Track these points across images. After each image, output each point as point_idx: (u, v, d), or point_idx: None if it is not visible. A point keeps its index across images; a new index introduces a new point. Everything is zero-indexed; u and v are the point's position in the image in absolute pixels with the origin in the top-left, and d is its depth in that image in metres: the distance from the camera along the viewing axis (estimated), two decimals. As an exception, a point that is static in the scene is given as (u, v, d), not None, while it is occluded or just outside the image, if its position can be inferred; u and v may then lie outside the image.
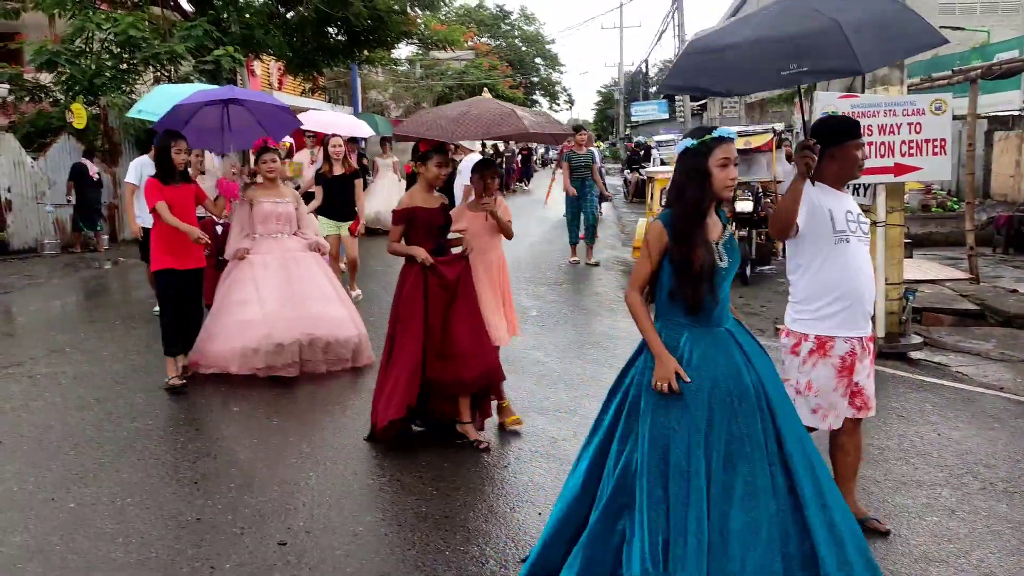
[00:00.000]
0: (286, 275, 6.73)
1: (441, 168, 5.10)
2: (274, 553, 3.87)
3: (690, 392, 3.08)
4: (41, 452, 5.17)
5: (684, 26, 29.84)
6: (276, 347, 6.48)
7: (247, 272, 6.72)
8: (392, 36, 21.68)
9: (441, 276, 5.04)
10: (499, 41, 56.63)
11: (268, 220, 6.82)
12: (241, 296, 6.63)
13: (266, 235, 6.83)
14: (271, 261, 6.77)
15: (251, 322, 6.50)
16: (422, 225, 5.08)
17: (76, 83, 15.58)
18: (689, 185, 3.22)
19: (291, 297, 6.65)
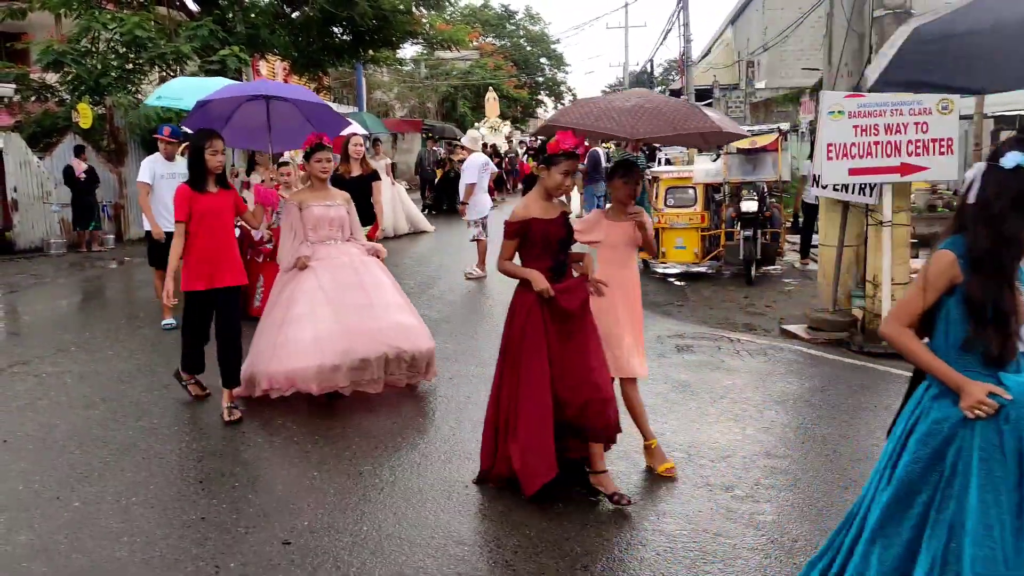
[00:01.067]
0: (358, 282, 6.09)
1: (566, 177, 4.31)
2: (278, 552, 3.87)
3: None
4: (46, 451, 5.18)
5: (690, 25, 29.78)
6: (360, 363, 5.84)
7: (311, 282, 5.98)
8: (397, 36, 21.69)
9: (561, 308, 4.26)
10: (504, 41, 56.57)
11: (320, 225, 6.13)
12: (308, 308, 5.90)
13: (318, 241, 6.14)
14: (337, 268, 6.09)
15: (327, 336, 5.81)
16: (540, 239, 4.30)
17: (82, 83, 15.63)
18: (1014, 213, 2.61)
19: (368, 306, 6.01)
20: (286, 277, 6.12)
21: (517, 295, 4.43)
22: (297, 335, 5.84)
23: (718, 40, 55.65)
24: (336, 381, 5.83)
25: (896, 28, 7.48)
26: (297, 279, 6.03)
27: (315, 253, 6.10)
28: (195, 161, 5.59)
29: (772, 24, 38.84)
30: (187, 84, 9.79)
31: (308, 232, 6.12)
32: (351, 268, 6.13)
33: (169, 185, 7.92)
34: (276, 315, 6.02)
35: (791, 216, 15.12)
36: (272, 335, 5.92)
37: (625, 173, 4.58)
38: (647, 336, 8.05)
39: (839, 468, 4.79)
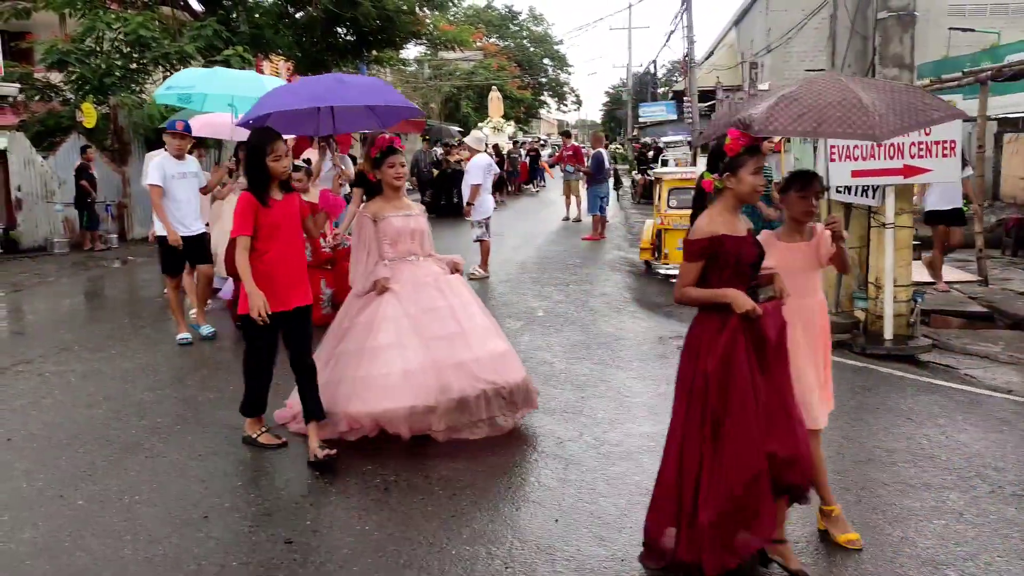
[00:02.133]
0: (446, 307, 5.34)
1: (758, 176, 3.51)
2: (281, 551, 3.88)
3: None
4: (49, 449, 5.19)
5: (693, 27, 29.77)
6: (459, 402, 5.06)
7: (394, 307, 5.25)
8: (401, 36, 21.76)
9: (761, 336, 3.49)
10: (507, 42, 56.66)
11: (400, 239, 5.39)
12: (394, 338, 5.16)
13: (398, 258, 5.40)
14: (421, 290, 5.36)
15: (418, 371, 5.07)
16: (732, 260, 3.49)
17: (86, 82, 15.68)
18: None
19: (460, 334, 5.27)
20: (361, 301, 5.38)
21: (702, 326, 3.60)
22: (383, 370, 5.09)
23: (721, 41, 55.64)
24: (431, 424, 5.05)
25: (899, 30, 7.53)
26: (376, 304, 5.29)
27: (394, 273, 5.35)
28: (255, 167, 4.79)
29: (775, 26, 38.85)
30: (197, 75, 9.53)
31: (386, 247, 5.38)
32: (436, 289, 5.38)
33: (182, 186, 7.68)
34: (352, 345, 5.23)
35: None
36: (350, 368, 5.16)
37: (803, 186, 3.82)
38: (649, 337, 8.10)
39: (841, 469, 4.79)
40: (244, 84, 8.84)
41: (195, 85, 8.79)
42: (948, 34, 26.20)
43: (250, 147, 4.85)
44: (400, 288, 5.31)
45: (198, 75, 9.28)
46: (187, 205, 7.73)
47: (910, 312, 7.66)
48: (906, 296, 7.63)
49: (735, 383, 3.43)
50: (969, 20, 31.11)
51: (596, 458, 5.01)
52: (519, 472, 4.83)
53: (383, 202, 5.43)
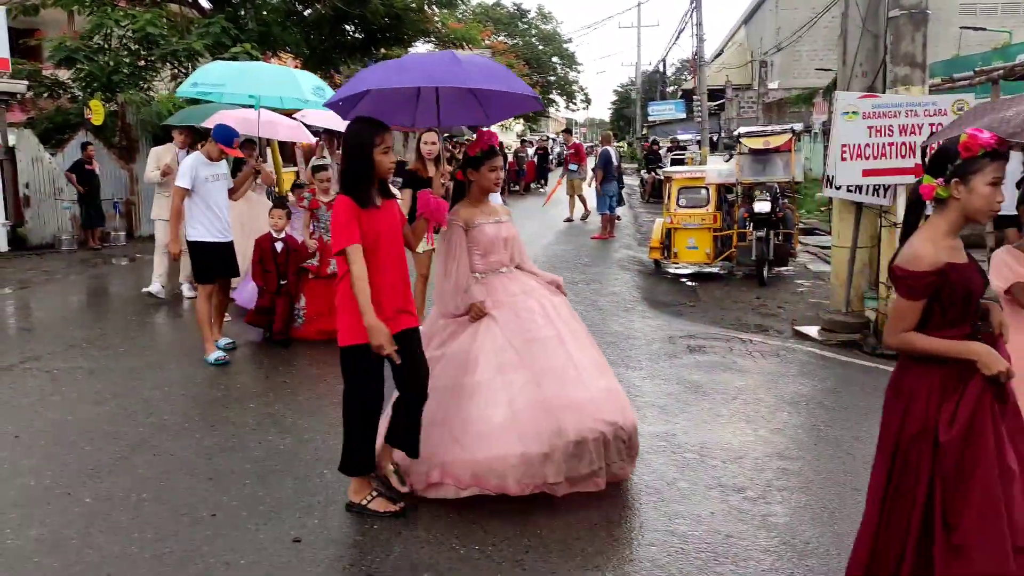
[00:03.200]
0: (554, 335, 4.50)
1: (994, 191, 2.81)
2: (289, 550, 3.86)
3: None
4: (57, 446, 5.18)
5: (703, 25, 29.70)
6: (575, 447, 4.22)
7: (494, 335, 4.45)
8: (409, 34, 21.74)
9: (1004, 396, 2.84)
10: (516, 40, 56.58)
11: (493, 250, 4.63)
12: (496, 373, 4.36)
13: (490, 271, 4.63)
14: (523, 314, 4.52)
15: (527, 412, 4.25)
16: (958, 297, 2.83)
17: (94, 79, 15.69)
18: None
19: (572, 367, 4.42)
20: (451, 325, 4.59)
21: (920, 379, 2.88)
22: (485, 410, 4.27)
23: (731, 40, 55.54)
24: (544, 475, 4.21)
25: (911, 28, 7.47)
26: (473, 332, 4.49)
27: (488, 291, 4.59)
28: (360, 163, 4.01)
29: (785, 24, 38.74)
30: (228, 70, 8.79)
31: (476, 259, 4.62)
32: (543, 315, 4.56)
33: (216, 189, 7.12)
34: (444, 380, 4.39)
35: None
36: (443, 407, 4.32)
37: None
38: (659, 336, 8.07)
39: (852, 470, 4.75)
40: (275, 82, 8.48)
41: (225, 84, 8.38)
42: (959, 33, 26.11)
43: (353, 138, 4.04)
44: (499, 313, 4.49)
45: (228, 72, 8.70)
46: (221, 210, 7.18)
47: (921, 312, 7.60)
48: (917, 296, 7.58)
49: (980, 464, 2.75)
50: (980, 19, 30.99)
51: (605, 458, 4.97)
52: (528, 471, 4.80)
53: (472, 207, 4.62)
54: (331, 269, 7.59)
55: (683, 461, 4.92)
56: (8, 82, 14.82)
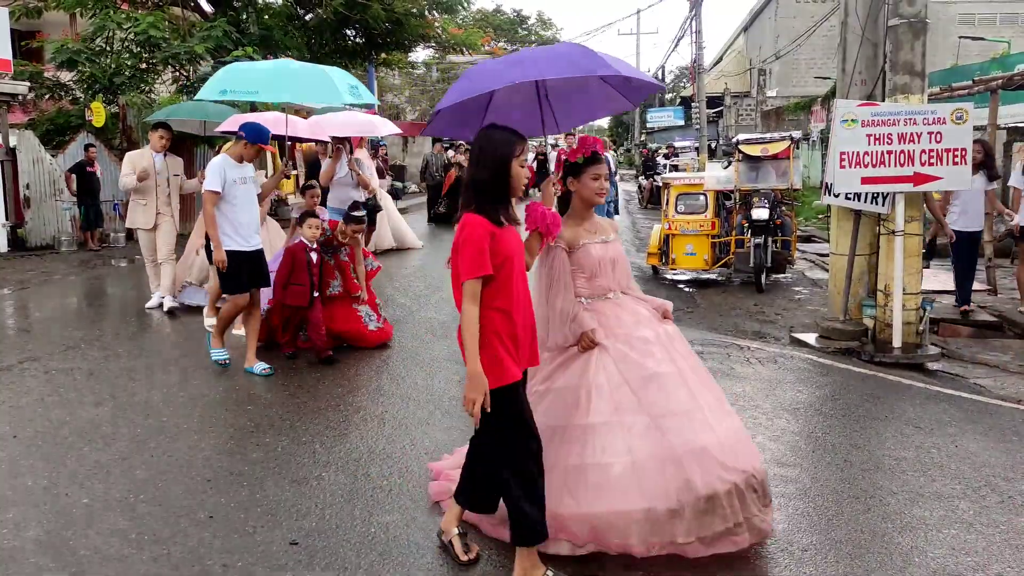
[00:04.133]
0: (675, 372, 3.96)
1: None
2: (286, 552, 3.87)
3: None
4: (55, 447, 5.18)
5: (702, 32, 29.77)
6: (706, 502, 3.67)
7: (608, 371, 3.90)
8: (410, 39, 21.80)
9: None
10: (516, 46, 56.68)
11: (600, 273, 4.09)
12: (612, 415, 3.82)
13: (596, 297, 4.09)
14: (637, 346, 3.97)
15: (649, 460, 3.73)
16: None
17: (96, 81, 15.72)
18: None
19: (698, 410, 3.87)
20: (557, 358, 4.03)
21: None
22: (601, 458, 3.77)
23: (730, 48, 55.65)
24: (673, 534, 3.69)
25: (911, 37, 7.49)
26: (583, 365, 3.94)
27: (597, 319, 4.03)
28: (498, 178, 3.48)
29: (784, 32, 38.82)
30: (260, 75, 7.94)
31: (580, 281, 4.07)
32: (660, 347, 4.01)
33: (244, 192, 6.71)
34: (551, 419, 3.86)
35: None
36: (550, 452, 3.75)
37: None
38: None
39: (849, 478, 4.76)
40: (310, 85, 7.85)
41: (259, 91, 7.67)
42: (958, 42, 26.17)
43: (490, 146, 3.51)
44: (612, 344, 3.96)
45: (261, 77, 7.78)
46: (250, 215, 6.75)
47: (919, 320, 7.63)
48: (915, 304, 7.60)
49: None
50: (979, 29, 31.06)
51: (603, 463, 4.98)
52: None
53: (575, 224, 4.09)
54: (329, 291, 7.42)
55: (680, 467, 4.90)
56: (10, 83, 14.83)
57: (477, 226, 3.39)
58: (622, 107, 4.57)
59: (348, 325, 7.49)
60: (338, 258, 7.53)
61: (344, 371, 6.84)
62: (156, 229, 9.17)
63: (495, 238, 3.41)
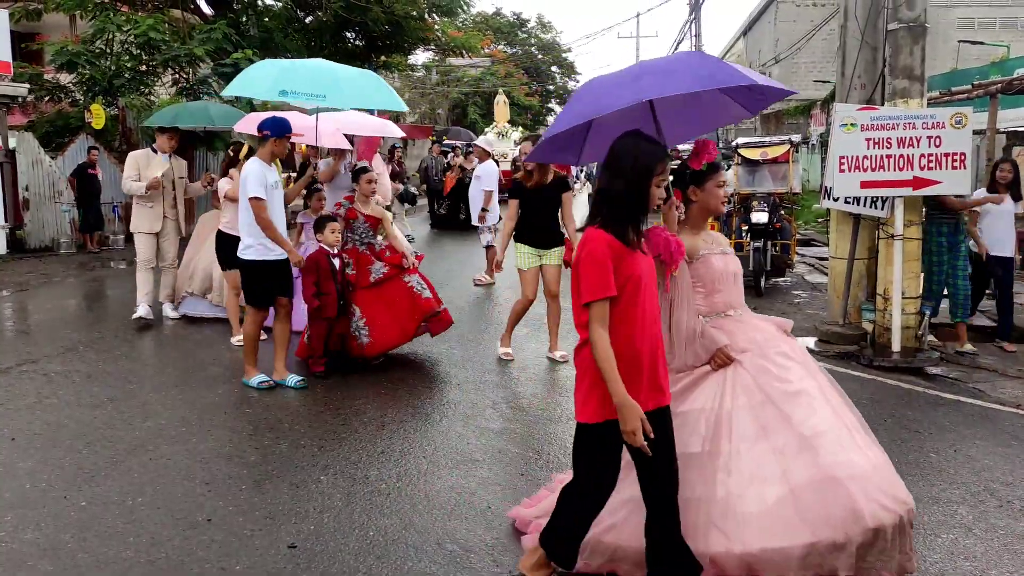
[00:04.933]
0: (816, 388, 3.58)
1: None
2: (284, 556, 3.86)
3: None
4: (53, 450, 5.18)
5: (702, 36, 29.81)
6: (873, 535, 3.25)
7: (747, 388, 3.56)
8: (409, 42, 21.82)
9: None
10: (516, 49, 56.75)
11: (721, 287, 3.77)
12: (759, 438, 3.45)
13: (716, 312, 3.76)
14: (775, 364, 3.61)
15: (807, 488, 3.32)
16: None
17: (95, 83, 15.72)
18: None
19: (847, 432, 3.47)
20: (684, 378, 3.67)
21: None
22: (751, 487, 3.38)
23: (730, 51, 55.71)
24: (834, 568, 3.27)
25: (910, 41, 7.50)
26: (715, 382, 3.61)
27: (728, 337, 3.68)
28: (637, 193, 3.18)
29: (784, 36, 38.88)
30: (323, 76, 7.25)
31: (700, 298, 3.74)
32: (796, 360, 3.68)
33: (276, 198, 6.42)
34: (687, 447, 3.47)
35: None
36: (691, 483, 3.42)
37: None
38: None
39: (848, 482, 4.75)
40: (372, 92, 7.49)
41: (326, 95, 7.08)
42: (957, 47, 26.21)
43: (631, 157, 3.18)
44: (747, 359, 3.61)
45: (323, 80, 7.17)
46: (280, 220, 6.42)
47: (918, 324, 7.63)
48: (914, 308, 7.61)
49: None
50: (978, 33, 31.11)
51: (602, 466, 4.98)
52: (525, 480, 4.80)
53: (692, 234, 3.79)
54: (373, 277, 7.04)
55: (679, 471, 4.90)
56: (10, 85, 14.83)
57: (600, 242, 3.11)
58: (738, 116, 4.16)
59: (403, 301, 7.02)
60: (372, 247, 7.22)
61: (343, 374, 6.83)
62: (160, 233, 8.80)
63: (620, 257, 3.11)
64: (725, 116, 4.18)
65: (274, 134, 6.30)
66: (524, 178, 7.07)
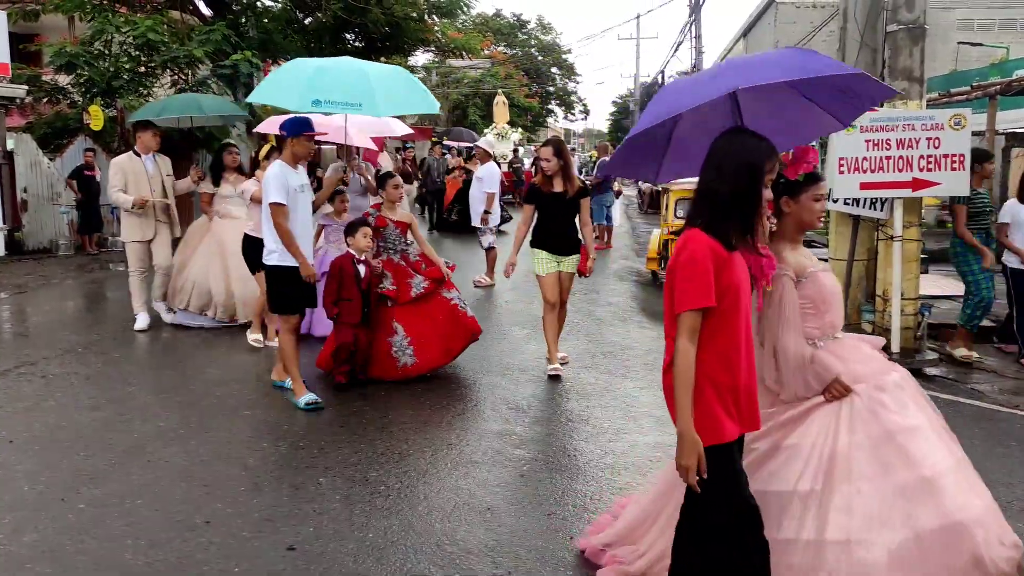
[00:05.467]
0: (927, 419, 3.35)
1: None
2: (283, 558, 3.85)
3: None
4: (52, 452, 5.17)
5: (701, 38, 29.83)
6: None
7: (865, 423, 3.22)
8: (409, 43, 21.79)
9: None
10: (515, 50, 56.76)
11: (831, 307, 3.42)
12: (881, 478, 3.13)
13: (826, 335, 3.40)
14: (891, 391, 3.33)
15: (932, 536, 3.06)
16: None
17: (94, 85, 15.70)
18: None
19: (960, 468, 3.28)
20: (786, 409, 3.33)
21: None
22: (871, 533, 3.08)
23: (730, 52, 55.74)
24: None
25: (909, 43, 7.51)
26: (827, 415, 3.26)
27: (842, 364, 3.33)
28: (747, 193, 2.86)
29: (784, 37, 38.89)
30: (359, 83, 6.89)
31: (809, 320, 3.36)
32: (912, 396, 3.39)
33: (303, 202, 6.10)
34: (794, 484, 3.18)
35: None
36: (794, 523, 3.14)
37: None
38: (656, 347, 8.06)
39: (848, 483, 4.75)
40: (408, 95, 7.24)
41: (362, 104, 6.79)
42: (957, 48, 26.23)
43: (740, 154, 2.88)
44: (865, 391, 3.27)
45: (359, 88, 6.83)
46: (303, 226, 6.13)
47: (917, 325, 7.62)
48: (913, 309, 7.60)
49: None
50: (978, 35, 31.14)
51: (602, 468, 4.99)
52: (524, 481, 4.80)
53: (792, 249, 3.41)
54: (414, 292, 6.76)
55: (679, 472, 4.89)
56: (8, 87, 14.83)
57: (702, 245, 2.80)
58: (830, 128, 3.74)
59: (445, 318, 6.77)
60: (407, 256, 6.94)
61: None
62: (153, 240, 8.52)
63: (722, 263, 2.80)
64: (816, 128, 3.76)
65: (290, 134, 6.00)
66: (542, 183, 6.84)
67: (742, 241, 2.87)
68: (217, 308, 8.60)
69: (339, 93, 6.69)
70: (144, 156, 8.42)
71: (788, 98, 3.46)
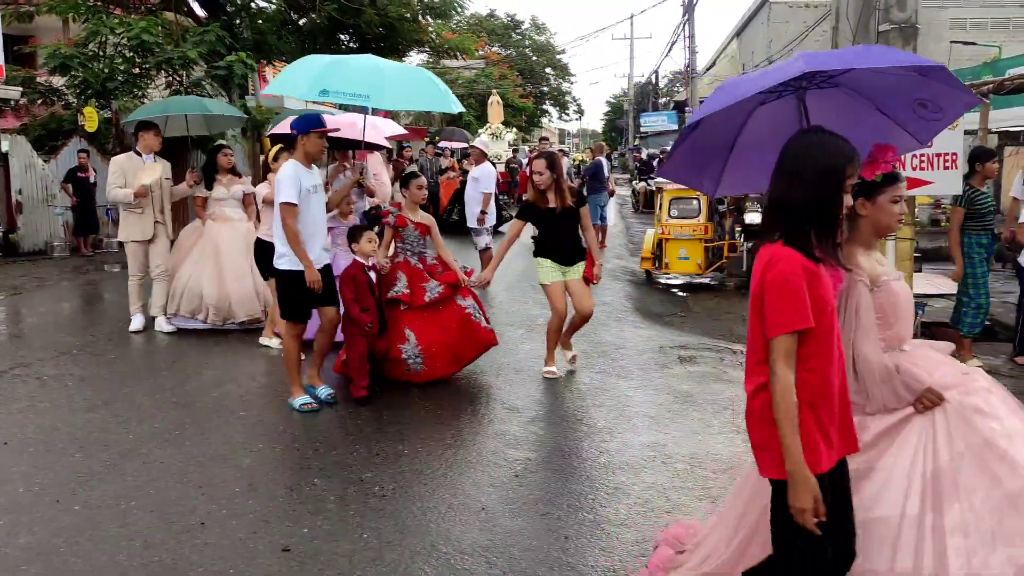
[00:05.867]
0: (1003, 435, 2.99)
1: None
2: (278, 559, 3.86)
3: None
4: (47, 454, 5.17)
5: (695, 37, 29.88)
6: None
7: (965, 436, 2.97)
8: (403, 44, 21.78)
9: None
10: (510, 51, 56.79)
11: (903, 318, 3.18)
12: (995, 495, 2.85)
13: (892, 348, 3.13)
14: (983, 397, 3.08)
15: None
16: None
17: (89, 86, 15.68)
18: None
19: None
20: (871, 423, 3.08)
21: None
22: (997, 555, 2.79)
23: (723, 52, 55.84)
24: None
25: (901, 42, 7.52)
26: (916, 430, 3.02)
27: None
28: (828, 200, 2.61)
29: (777, 37, 38.96)
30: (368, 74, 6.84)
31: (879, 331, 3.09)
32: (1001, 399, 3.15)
33: (317, 202, 5.99)
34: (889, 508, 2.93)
35: None
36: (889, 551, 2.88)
37: None
38: (650, 347, 8.09)
39: (841, 482, 4.77)
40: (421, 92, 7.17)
41: (369, 96, 6.67)
42: (949, 47, 26.28)
43: (819, 156, 2.61)
44: (957, 398, 3.03)
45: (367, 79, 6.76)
46: (317, 228, 5.99)
47: (911, 324, 7.64)
48: (907, 308, 7.62)
49: None
50: (970, 34, 31.24)
51: (596, 468, 5.00)
52: (519, 482, 4.81)
53: (866, 255, 3.16)
54: (428, 296, 6.61)
55: (674, 472, 4.92)
56: (2, 88, 14.80)
57: (793, 262, 2.55)
58: (905, 148, 3.52)
59: (457, 327, 6.65)
60: (424, 259, 6.80)
61: (338, 378, 6.82)
62: (152, 241, 8.41)
63: (812, 279, 2.57)
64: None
65: (300, 131, 5.83)
66: (536, 198, 6.68)
67: (827, 253, 2.61)
68: (209, 311, 8.50)
69: (347, 84, 6.63)
70: (145, 156, 8.40)
71: (864, 113, 3.29)
